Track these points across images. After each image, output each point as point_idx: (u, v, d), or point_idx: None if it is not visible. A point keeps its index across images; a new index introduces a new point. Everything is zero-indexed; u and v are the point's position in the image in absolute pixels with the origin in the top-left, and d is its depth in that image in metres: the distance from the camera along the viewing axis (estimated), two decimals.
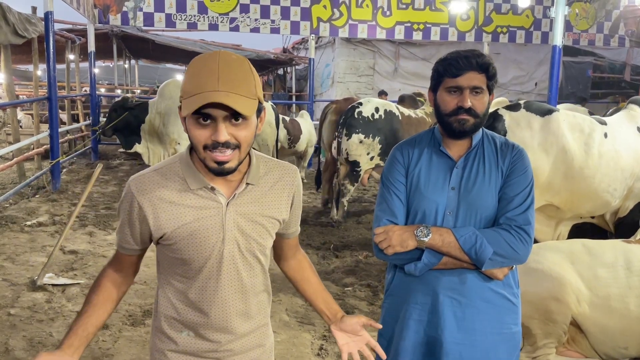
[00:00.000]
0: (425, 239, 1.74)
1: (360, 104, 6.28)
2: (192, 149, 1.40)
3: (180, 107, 1.31)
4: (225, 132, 1.28)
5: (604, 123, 4.23)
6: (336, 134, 6.37)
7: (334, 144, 6.45)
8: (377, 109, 6.19)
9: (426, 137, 1.91)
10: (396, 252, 1.77)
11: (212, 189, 1.39)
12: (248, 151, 1.38)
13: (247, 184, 1.43)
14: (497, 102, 4.83)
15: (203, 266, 1.44)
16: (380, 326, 1.67)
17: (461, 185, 1.80)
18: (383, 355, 1.58)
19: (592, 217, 4.47)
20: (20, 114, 12.90)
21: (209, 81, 1.25)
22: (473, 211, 1.78)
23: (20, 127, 12.23)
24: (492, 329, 1.80)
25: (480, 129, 1.84)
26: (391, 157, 1.93)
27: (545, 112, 4.08)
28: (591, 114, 4.87)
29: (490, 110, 2.07)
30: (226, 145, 1.28)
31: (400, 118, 6.31)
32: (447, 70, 1.76)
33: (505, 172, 1.81)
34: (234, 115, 1.28)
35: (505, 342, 1.82)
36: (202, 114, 1.27)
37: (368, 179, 6.58)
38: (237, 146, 1.31)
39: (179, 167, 1.41)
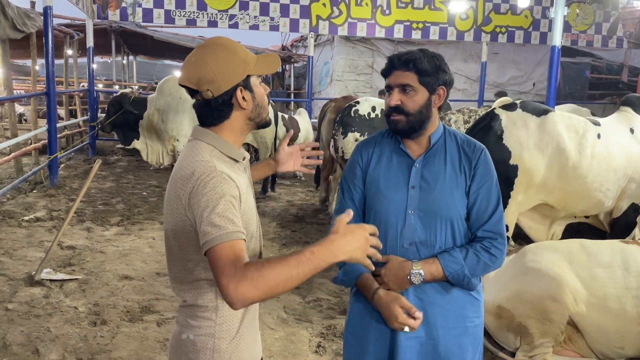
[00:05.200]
0: (418, 282, 1.78)
1: (357, 102, 6.29)
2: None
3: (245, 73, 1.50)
4: None
5: (597, 124, 4.25)
6: (333, 132, 6.38)
7: (331, 142, 6.45)
8: (373, 108, 6.20)
9: (388, 134, 1.92)
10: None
11: (244, 158, 1.57)
12: None
13: None
14: (499, 101, 4.86)
15: (253, 235, 1.54)
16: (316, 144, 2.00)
17: (421, 184, 1.81)
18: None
19: (587, 217, 4.49)
20: (22, 108, 12.86)
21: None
22: (435, 210, 1.79)
23: (25, 120, 12.20)
24: (455, 324, 1.83)
25: (441, 126, 1.86)
26: (351, 159, 1.95)
27: (541, 112, 4.11)
28: (593, 114, 4.89)
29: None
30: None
31: None
32: (382, 71, 1.84)
33: (468, 172, 1.81)
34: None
35: (468, 336, 1.85)
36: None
37: None
38: None
39: (216, 150, 1.49)
